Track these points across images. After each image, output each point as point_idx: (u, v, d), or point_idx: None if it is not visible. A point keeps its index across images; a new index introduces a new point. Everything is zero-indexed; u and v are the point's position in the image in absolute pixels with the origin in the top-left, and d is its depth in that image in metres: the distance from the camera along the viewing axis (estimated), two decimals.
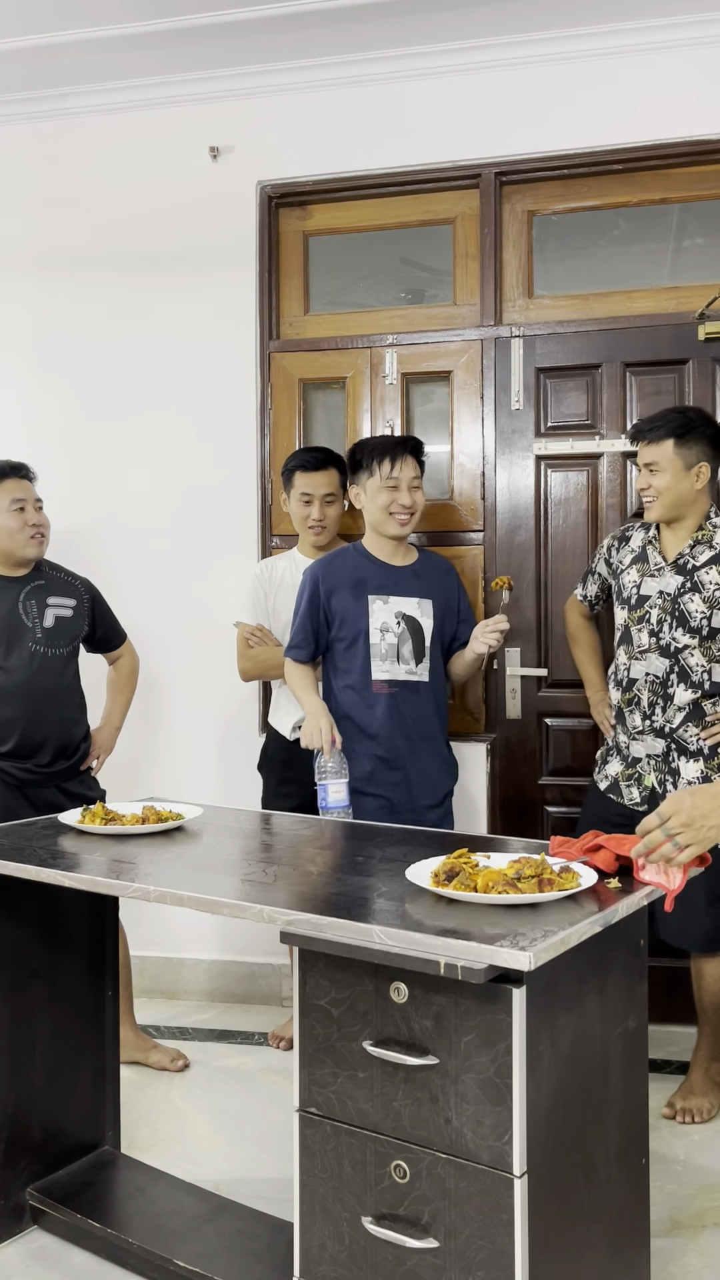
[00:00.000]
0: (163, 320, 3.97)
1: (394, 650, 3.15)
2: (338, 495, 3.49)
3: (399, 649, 3.15)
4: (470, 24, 3.53)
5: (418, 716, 3.17)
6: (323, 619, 3.20)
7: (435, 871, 1.87)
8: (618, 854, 1.93)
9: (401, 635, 3.16)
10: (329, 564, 3.24)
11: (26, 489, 3.22)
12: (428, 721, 3.20)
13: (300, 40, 3.63)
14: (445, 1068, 1.65)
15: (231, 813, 2.68)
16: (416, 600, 3.19)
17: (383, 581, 3.19)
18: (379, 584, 3.18)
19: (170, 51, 3.71)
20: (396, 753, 3.15)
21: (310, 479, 3.46)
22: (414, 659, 3.17)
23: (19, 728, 3.12)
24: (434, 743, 3.21)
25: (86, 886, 2.09)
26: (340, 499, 3.51)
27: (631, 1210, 1.95)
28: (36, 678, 3.15)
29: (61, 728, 3.20)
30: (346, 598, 3.17)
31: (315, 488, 3.46)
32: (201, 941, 3.96)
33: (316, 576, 3.21)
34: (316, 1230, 1.81)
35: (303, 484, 3.47)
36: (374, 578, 3.19)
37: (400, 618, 3.16)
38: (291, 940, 1.77)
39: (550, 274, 3.79)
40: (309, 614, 3.20)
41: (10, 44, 3.68)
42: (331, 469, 3.48)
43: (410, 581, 3.21)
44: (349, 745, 3.13)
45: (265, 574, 3.55)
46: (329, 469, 3.47)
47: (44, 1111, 2.56)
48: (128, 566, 3.94)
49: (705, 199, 3.62)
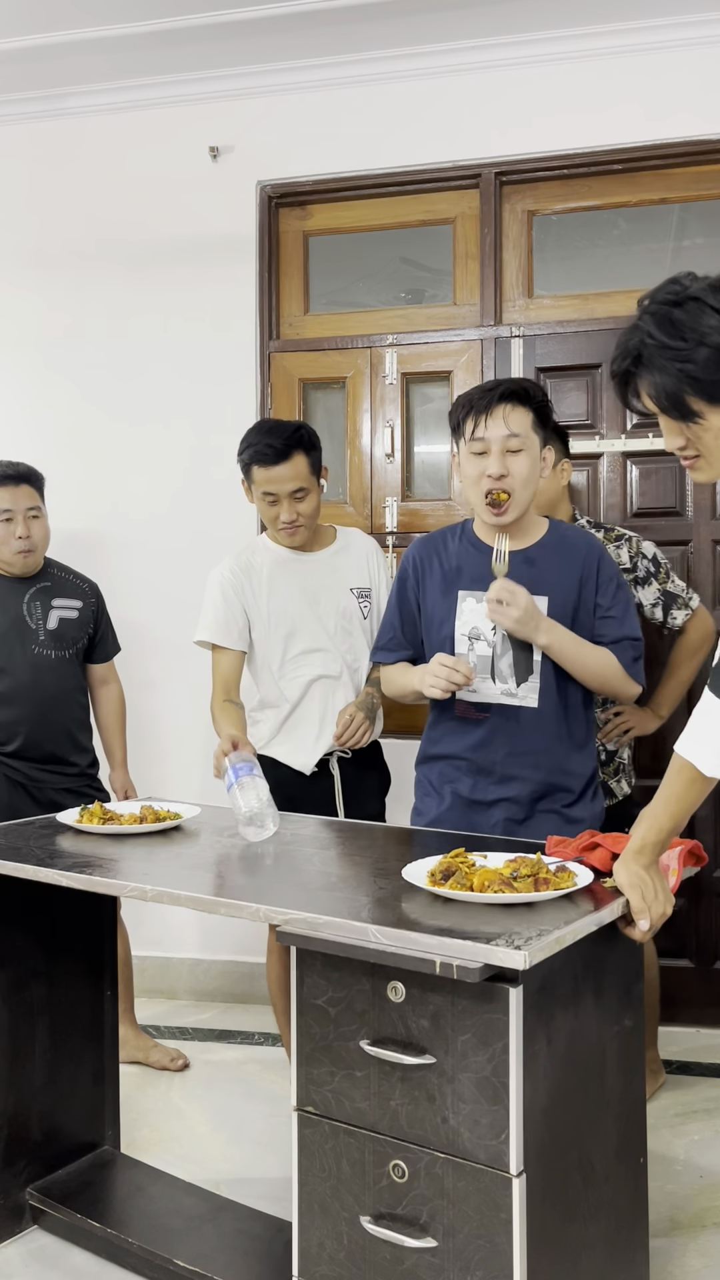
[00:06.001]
0: (163, 320, 3.98)
1: (487, 664, 2.40)
2: (310, 485, 2.89)
3: (494, 663, 2.40)
4: (470, 24, 3.53)
5: (520, 752, 2.40)
6: (415, 614, 2.53)
7: (432, 871, 1.87)
8: (614, 853, 1.92)
9: (499, 645, 2.39)
10: (425, 544, 2.55)
11: (17, 498, 3.14)
12: (534, 761, 2.40)
13: (300, 40, 3.63)
14: (442, 1067, 1.65)
15: (230, 813, 2.67)
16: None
17: (481, 573, 2.41)
18: (475, 575, 2.42)
19: (170, 51, 3.72)
20: (485, 797, 2.43)
21: (270, 474, 2.85)
22: (514, 677, 2.40)
23: (24, 728, 3.13)
24: (550, 797, 2.42)
25: (85, 886, 2.09)
26: (315, 487, 2.93)
27: (630, 1210, 1.95)
28: (40, 679, 3.15)
29: (66, 729, 3.20)
30: (435, 591, 2.48)
31: (279, 484, 2.86)
32: (201, 941, 3.97)
33: (410, 560, 2.56)
34: (315, 1230, 1.81)
35: (263, 480, 2.87)
36: (470, 567, 2.44)
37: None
38: (288, 940, 1.77)
39: (550, 274, 3.79)
40: (398, 606, 2.56)
41: (9, 44, 3.68)
42: (298, 454, 2.85)
43: (520, 572, 2.38)
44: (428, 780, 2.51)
45: (239, 573, 2.97)
46: (294, 455, 2.84)
47: (44, 1111, 2.56)
48: (127, 566, 3.94)
49: (705, 199, 3.62)
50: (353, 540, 3.10)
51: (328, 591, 2.98)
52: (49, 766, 3.17)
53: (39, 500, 3.21)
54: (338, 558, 3.04)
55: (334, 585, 3.00)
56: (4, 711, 3.13)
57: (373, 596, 3.03)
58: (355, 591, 3.01)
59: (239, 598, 2.95)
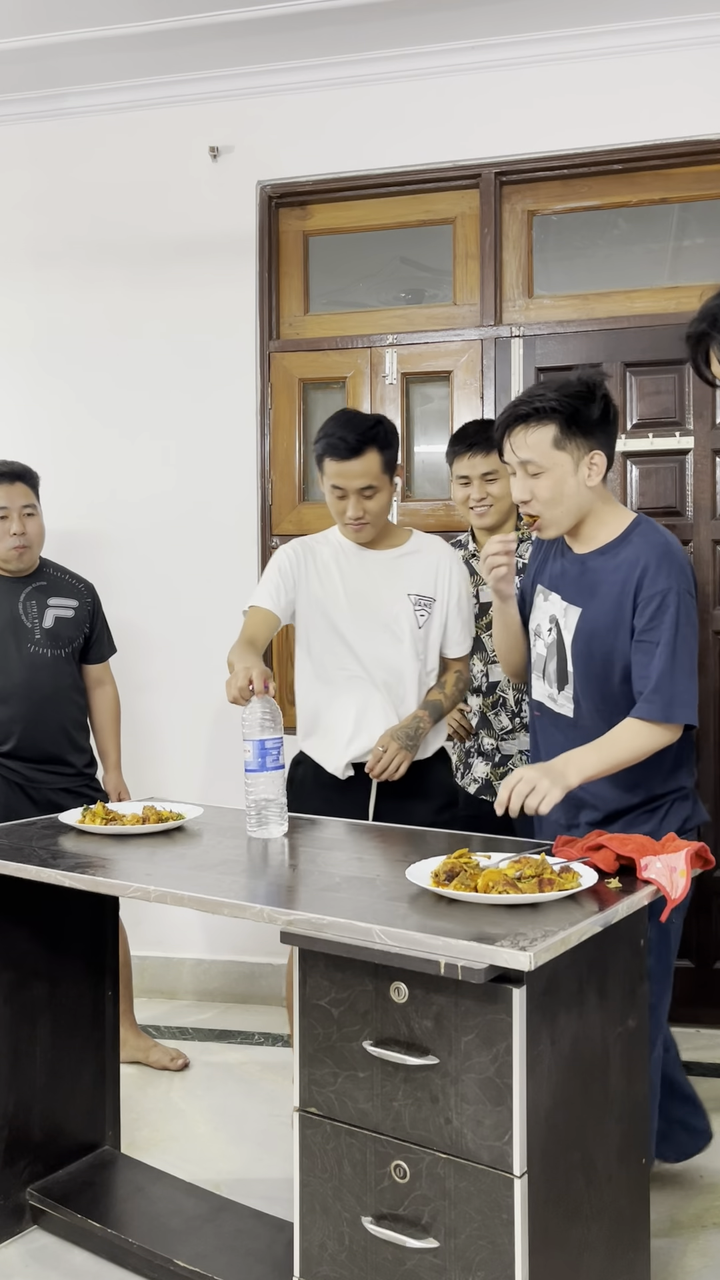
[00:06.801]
0: (162, 320, 3.97)
1: (542, 663, 2.38)
2: (381, 483, 2.77)
3: (546, 663, 2.37)
4: (470, 24, 3.53)
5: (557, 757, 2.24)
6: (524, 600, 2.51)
7: (435, 871, 1.87)
8: (619, 854, 1.93)
9: (551, 647, 2.35)
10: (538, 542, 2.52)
11: (12, 496, 3.14)
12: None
13: (300, 40, 3.63)
14: (445, 1068, 1.65)
15: (232, 813, 2.67)
16: (566, 605, 2.33)
17: (556, 570, 2.39)
18: (553, 573, 2.39)
19: (170, 51, 3.71)
20: None
21: (341, 468, 2.74)
22: (556, 682, 2.35)
23: (19, 728, 3.12)
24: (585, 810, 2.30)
25: (87, 886, 2.09)
26: (387, 485, 2.79)
27: (631, 1210, 1.95)
28: (35, 678, 3.15)
29: (62, 728, 3.20)
30: (529, 581, 2.49)
31: (348, 479, 2.75)
32: (201, 941, 3.97)
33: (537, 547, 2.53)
34: (316, 1230, 1.81)
35: (333, 473, 2.77)
36: (553, 563, 2.41)
37: (553, 623, 2.35)
38: (292, 940, 1.77)
39: (550, 274, 3.79)
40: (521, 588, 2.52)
41: (10, 44, 3.68)
42: (371, 451, 2.73)
43: (575, 575, 2.33)
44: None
45: (302, 552, 2.88)
46: (367, 451, 2.73)
47: (44, 1111, 2.56)
48: (126, 566, 3.94)
49: (705, 199, 3.63)
50: (427, 546, 2.91)
51: (380, 592, 2.83)
52: (46, 766, 3.17)
53: (34, 498, 3.21)
54: (403, 560, 2.87)
55: (389, 587, 2.83)
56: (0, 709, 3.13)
57: (436, 608, 2.83)
58: (413, 598, 2.83)
59: (293, 572, 2.84)
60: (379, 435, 2.74)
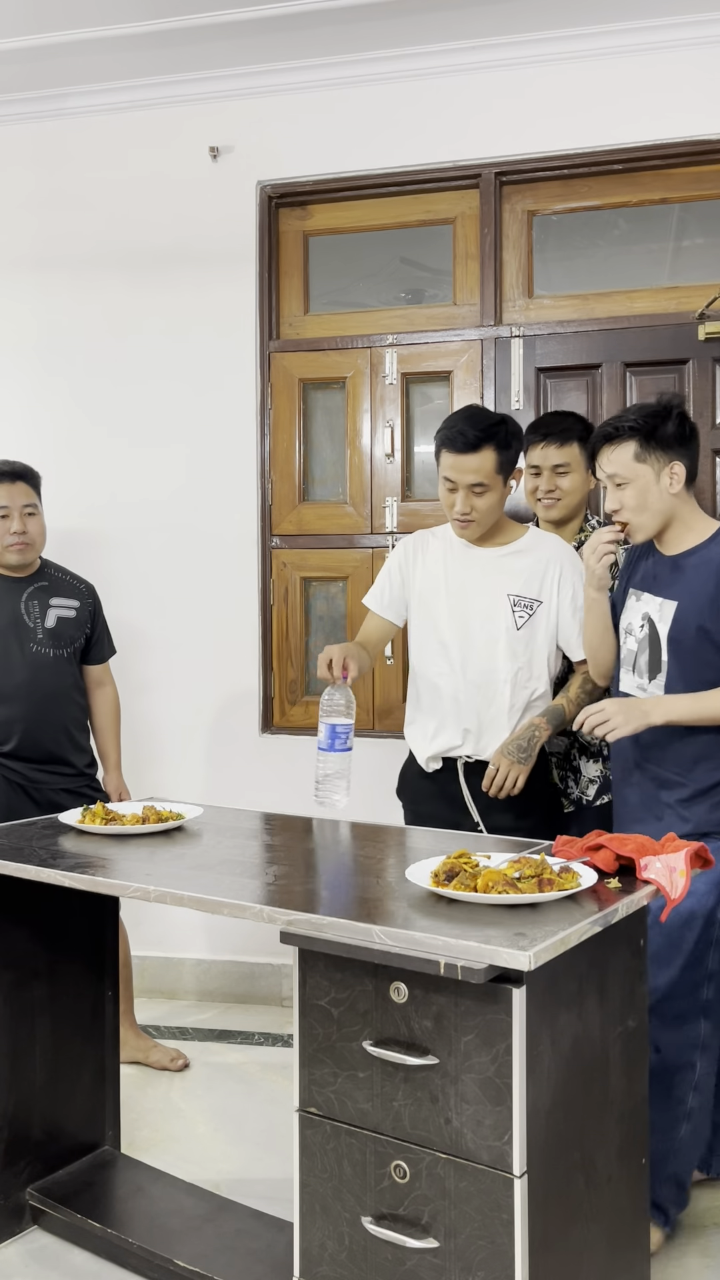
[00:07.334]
0: (162, 320, 3.97)
1: (632, 657, 2.53)
2: (493, 483, 2.69)
3: (637, 657, 2.52)
4: (470, 24, 3.53)
5: (644, 744, 2.46)
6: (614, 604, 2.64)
7: (435, 871, 1.87)
8: (618, 854, 1.93)
9: (643, 641, 2.51)
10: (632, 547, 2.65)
11: (14, 495, 3.14)
12: (656, 758, 2.46)
13: (300, 40, 3.63)
14: (445, 1068, 1.65)
15: (232, 813, 2.68)
16: (660, 601, 2.48)
17: (648, 572, 2.55)
18: (644, 574, 2.56)
19: (170, 51, 3.71)
20: (614, 784, 2.63)
21: (455, 461, 2.68)
22: (648, 673, 2.49)
23: (21, 728, 3.12)
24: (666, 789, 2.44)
25: (86, 886, 2.09)
26: (499, 485, 2.72)
27: (631, 1210, 1.95)
28: (37, 678, 3.15)
29: (64, 728, 3.20)
30: (621, 590, 2.63)
31: (460, 474, 2.68)
32: (201, 941, 3.97)
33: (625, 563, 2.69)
34: (316, 1230, 1.81)
35: (446, 466, 2.70)
36: (643, 566, 2.58)
37: (645, 620, 2.51)
38: (292, 940, 1.77)
39: (550, 274, 3.79)
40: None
41: (10, 44, 3.68)
42: (488, 449, 2.66)
43: (667, 575, 2.50)
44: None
45: (415, 546, 2.89)
46: (484, 449, 2.65)
47: (44, 1111, 2.56)
48: (127, 566, 3.94)
49: (705, 199, 3.63)
50: (540, 546, 2.82)
51: (478, 590, 2.77)
52: (47, 766, 3.17)
53: (35, 497, 3.21)
54: (509, 559, 2.79)
55: (489, 586, 2.77)
56: (1, 710, 3.13)
57: (541, 610, 2.76)
58: (513, 599, 2.75)
59: (400, 571, 2.88)
60: (499, 434, 2.68)
